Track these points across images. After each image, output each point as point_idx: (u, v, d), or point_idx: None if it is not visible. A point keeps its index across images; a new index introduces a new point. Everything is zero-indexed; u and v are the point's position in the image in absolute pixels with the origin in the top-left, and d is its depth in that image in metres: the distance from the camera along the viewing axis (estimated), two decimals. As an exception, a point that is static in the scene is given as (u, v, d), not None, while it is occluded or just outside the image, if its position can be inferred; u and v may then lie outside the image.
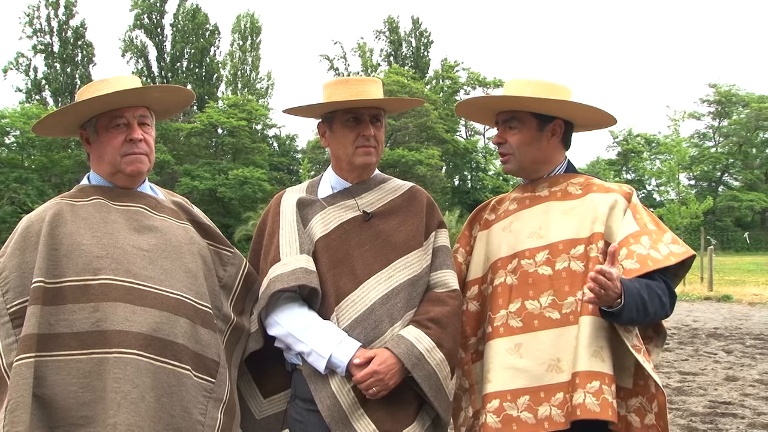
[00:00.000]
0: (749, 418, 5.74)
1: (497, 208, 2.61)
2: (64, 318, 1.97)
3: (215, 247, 2.39)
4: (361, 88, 2.40)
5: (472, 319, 2.51)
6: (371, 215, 2.42)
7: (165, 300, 2.08)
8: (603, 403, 2.09)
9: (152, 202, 2.28)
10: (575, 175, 2.48)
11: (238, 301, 2.39)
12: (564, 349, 2.22)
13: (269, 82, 45.80)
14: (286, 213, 2.43)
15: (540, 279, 2.31)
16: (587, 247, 2.26)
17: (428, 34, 45.64)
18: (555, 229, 2.35)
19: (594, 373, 2.12)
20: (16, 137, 30.92)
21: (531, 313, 2.29)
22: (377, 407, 2.22)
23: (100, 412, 1.92)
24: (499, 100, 2.47)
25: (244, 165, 33.84)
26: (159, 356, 2.02)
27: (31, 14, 39.51)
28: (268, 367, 2.45)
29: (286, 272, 2.26)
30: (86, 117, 2.21)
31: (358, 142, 2.39)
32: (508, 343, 2.30)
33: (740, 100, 34.22)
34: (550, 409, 2.20)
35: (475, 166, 38.89)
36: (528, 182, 2.54)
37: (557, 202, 2.41)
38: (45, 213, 2.10)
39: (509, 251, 2.41)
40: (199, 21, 42.34)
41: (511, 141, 2.43)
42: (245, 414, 2.43)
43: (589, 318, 2.18)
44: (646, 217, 2.33)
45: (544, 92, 2.36)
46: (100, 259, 2.04)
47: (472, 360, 2.49)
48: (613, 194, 2.35)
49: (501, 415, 2.25)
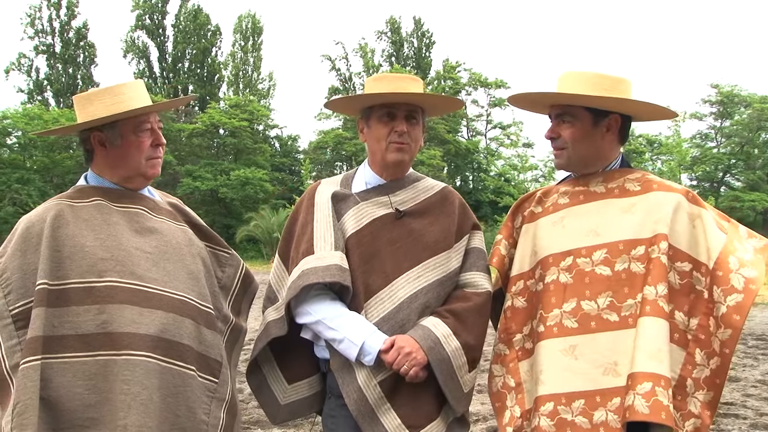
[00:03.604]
0: (751, 418, 5.74)
1: (543, 200, 2.51)
2: (69, 320, 1.97)
3: (212, 248, 2.41)
4: (398, 83, 2.40)
5: (517, 315, 2.43)
6: (404, 213, 2.43)
7: (170, 301, 2.10)
8: (654, 405, 2.01)
9: (151, 203, 2.30)
10: (631, 170, 2.40)
11: (236, 302, 2.42)
12: (621, 353, 2.14)
13: (271, 83, 45.79)
14: (321, 206, 2.43)
15: (598, 279, 2.24)
16: (648, 248, 2.20)
17: (430, 34, 45.63)
18: (614, 227, 2.28)
19: (647, 374, 2.05)
20: (18, 138, 30.95)
21: (587, 314, 2.22)
22: (403, 402, 2.25)
23: (107, 414, 1.93)
24: (554, 97, 2.37)
25: (245, 165, 33.83)
26: (166, 357, 2.04)
27: (33, 15, 39.51)
28: (293, 355, 2.47)
29: (321, 266, 2.27)
30: (109, 121, 2.20)
31: (390, 138, 2.40)
32: (562, 343, 2.24)
33: (742, 101, 34.14)
34: (606, 414, 2.13)
35: (477, 167, 38.81)
36: (579, 176, 2.45)
37: (615, 199, 2.33)
38: (45, 214, 2.10)
39: (562, 248, 2.33)
40: (201, 22, 42.33)
41: (564, 135, 2.35)
42: (270, 399, 2.48)
43: (647, 319, 2.11)
44: (722, 221, 2.29)
45: (600, 86, 2.28)
46: (104, 261, 2.05)
47: (518, 357, 2.41)
48: (675, 194, 2.28)
49: (555, 418, 2.18)
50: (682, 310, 2.20)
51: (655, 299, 2.14)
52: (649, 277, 2.16)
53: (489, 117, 41.15)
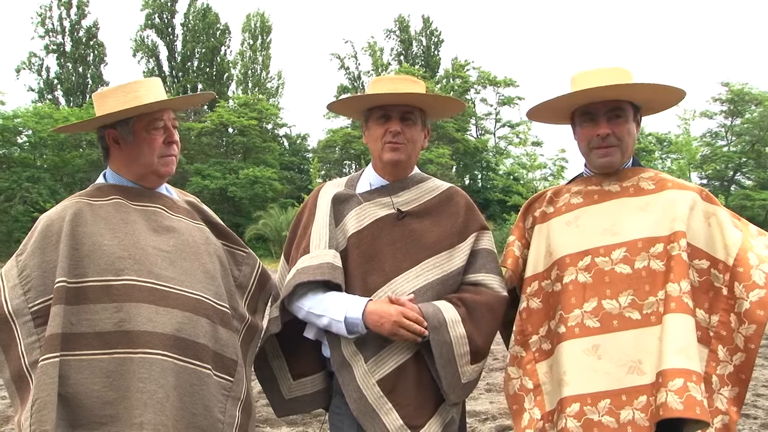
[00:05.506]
0: (762, 418, 5.71)
1: (555, 200, 2.51)
2: (86, 318, 1.99)
3: (229, 247, 2.41)
4: (394, 85, 2.42)
5: (533, 316, 2.41)
6: (405, 214, 2.44)
7: (186, 300, 2.11)
8: (688, 401, 2.00)
9: (168, 202, 2.31)
10: (643, 169, 2.41)
11: (252, 301, 2.43)
12: (645, 351, 2.14)
13: (280, 82, 45.83)
14: (321, 207, 2.47)
15: (618, 278, 2.23)
16: (667, 245, 2.21)
17: (439, 33, 45.57)
18: (631, 226, 2.28)
19: (678, 370, 2.04)
20: (29, 137, 31.08)
21: (609, 313, 2.22)
22: (406, 402, 2.26)
23: (123, 411, 1.94)
24: (609, 90, 2.29)
25: (254, 164, 33.88)
26: (182, 356, 2.04)
27: (44, 14, 39.67)
28: (300, 351, 2.50)
29: (313, 265, 2.31)
30: (123, 117, 2.21)
31: (385, 138, 2.42)
32: (585, 344, 2.23)
33: (753, 99, 33.92)
34: (633, 412, 2.12)
35: (486, 166, 38.77)
36: (592, 175, 2.45)
37: (630, 198, 2.34)
38: (65, 212, 2.11)
39: (579, 247, 2.33)
40: (210, 20, 42.40)
41: (618, 132, 2.33)
42: (275, 393, 2.52)
43: (673, 315, 2.11)
44: (734, 219, 2.30)
45: (628, 80, 2.28)
46: (122, 260, 2.06)
47: (535, 359, 2.39)
48: (690, 192, 2.30)
49: (582, 419, 2.17)
50: (702, 308, 2.21)
51: (680, 296, 2.14)
52: (671, 274, 2.16)
53: (498, 115, 41.10)
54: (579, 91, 2.32)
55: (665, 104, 2.48)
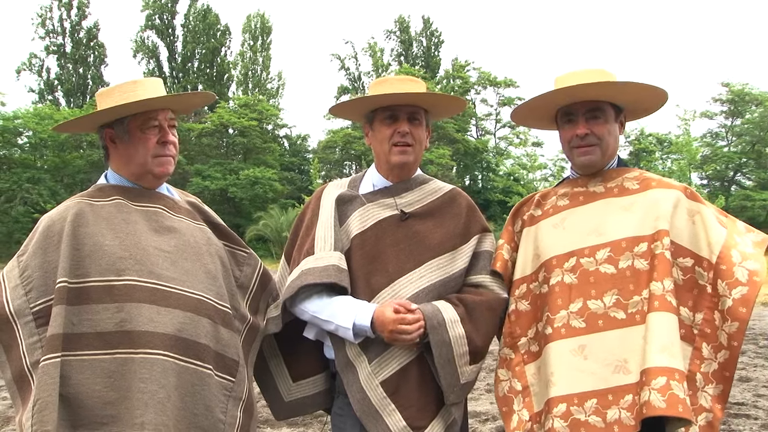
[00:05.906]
0: (762, 419, 5.71)
1: (542, 203, 2.52)
2: (87, 318, 1.99)
3: (231, 247, 2.41)
4: (399, 86, 2.42)
5: (522, 319, 2.42)
6: (408, 215, 2.44)
7: (187, 301, 2.11)
8: (670, 399, 2.00)
9: (170, 202, 2.30)
10: (628, 169, 2.43)
11: (253, 301, 2.42)
12: (631, 350, 2.14)
13: (280, 82, 45.87)
14: (325, 208, 2.46)
15: (602, 278, 2.25)
16: (651, 244, 2.22)
17: (439, 33, 45.56)
18: (615, 226, 2.29)
19: (661, 368, 2.05)
20: (29, 138, 31.10)
21: (594, 313, 2.23)
22: (409, 403, 2.26)
23: (124, 411, 1.94)
24: (596, 87, 2.31)
25: (255, 165, 33.90)
26: (183, 356, 2.04)
27: (44, 15, 39.70)
28: (301, 353, 2.50)
29: (319, 267, 2.30)
30: (118, 116, 2.20)
31: (393, 139, 2.42)
32: (571, 344, 2.23)
33: (753, 99, 33.89)
34: (620, 412, 2.12)
35: (486, 166, 38.76)
36: (578, 177, 2.47)
37: (615, 198, 2.35)
38: (66, 212, 2.11)
39: (565, 249, 2.34)
40: (210, 21, 42.43)
41: (597, 132, 2.34)
42: (274, 395, 2.51)
43: (656, 314, 2.12)
44: (720, 216, 2.31)
45: (609, 80, 2.30)
46: (123, 260, 2.06)
47: (524, 361, 2.40)
48: (673, 191, 2.31)
49: (569, 419, 2.18)
50: (686, 306, 2.22)
51: (663, 294, 2.15)
52: (654, 273, 2.18)
53: (498, 116, 41.07)
54: (557, 89, 2.33)
55: (648, 105, 2.49)
